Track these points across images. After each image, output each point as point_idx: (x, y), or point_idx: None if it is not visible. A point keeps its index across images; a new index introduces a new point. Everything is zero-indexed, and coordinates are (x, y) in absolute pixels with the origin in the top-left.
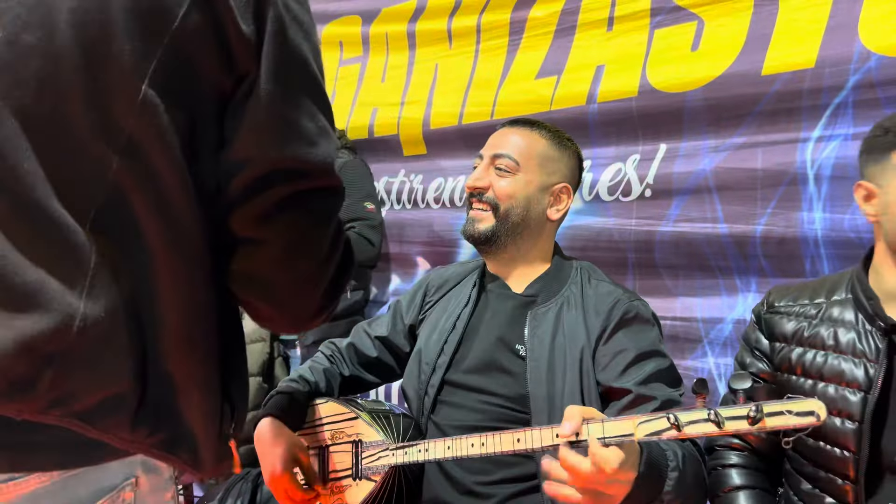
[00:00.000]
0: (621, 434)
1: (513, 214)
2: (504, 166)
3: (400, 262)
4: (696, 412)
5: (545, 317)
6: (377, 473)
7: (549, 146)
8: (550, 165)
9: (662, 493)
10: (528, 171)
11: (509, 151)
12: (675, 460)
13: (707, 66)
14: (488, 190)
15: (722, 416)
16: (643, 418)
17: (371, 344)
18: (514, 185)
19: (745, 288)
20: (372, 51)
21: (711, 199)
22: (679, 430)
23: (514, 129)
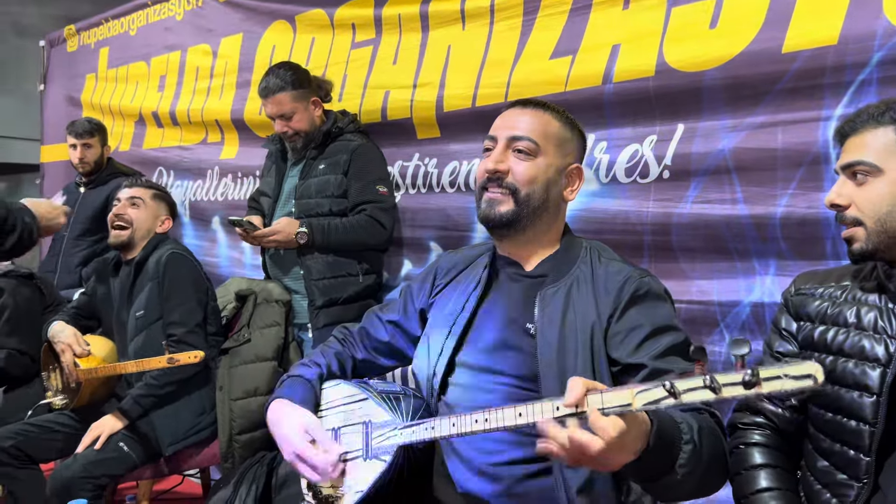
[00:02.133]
0: (620, 404)
1: (533, 199)
2: (524, 148)
3: (413, 246)
4: (692, 379)
5: (555, 296)
6: (387, 453)
7: (562, 127)
8: (566, 146)
9: (676, 466)
10: (548, 154)
11: (528, 133)
12: (690, 433)
13: (726, 44)
14: (508, 174)
15: (718, 383)
16: (641, 388)
17: (383, 328)
18: (535, 168)
19: (764, 270)
20: (385, 32)
21: (730, 180)
22: (676, 398)
23: (526, 110)
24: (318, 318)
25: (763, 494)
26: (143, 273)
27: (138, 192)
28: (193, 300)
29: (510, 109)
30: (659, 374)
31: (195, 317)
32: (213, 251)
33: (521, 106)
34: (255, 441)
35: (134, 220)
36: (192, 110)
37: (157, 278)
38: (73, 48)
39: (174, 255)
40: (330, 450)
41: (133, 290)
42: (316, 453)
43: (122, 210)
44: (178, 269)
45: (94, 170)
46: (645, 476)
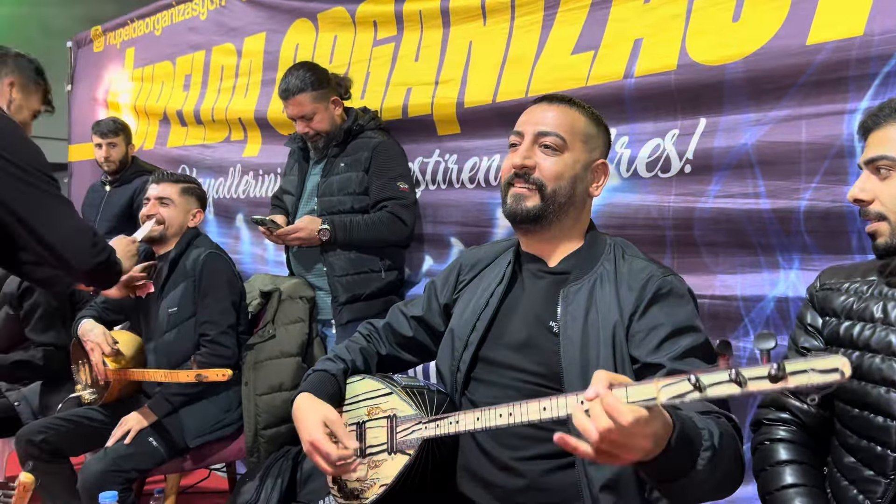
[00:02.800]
0: (645, 398)
1: (560, 194)
2: (551, 144)
3: (434, 242)
4: (718, 373)
5: (578, 293)
6: (411, 447)
7: (588, 123)
8: (592, 142)
9: (695, 469)
10: (575, 150)
11: (555, 129)
12: (711, 440)
13: (749, 38)
14: (534, 170)
15: (744, 377)
16: (666, 381)
17: (407, 324)
18: (562, 164)
19: (788, 265)
20: (406, 29)
21: (753, 174)
22: (701, 392)
23: (552, 106)
24: (341, 315)
25: (789, 491)
26: (177, 270)
27: (166, 191)
28: (228, 301)
29: (537, 105)
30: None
31: (228, 318)
32: (236, 248)
33: (547, 102)
34: (281, 436)
35: (166, 219)
36: (217, 109)
37: (192, 277)
38: (100, 48)
39: (212, 255)
40: (346, 444)
41: (166, 286)
42: (330, 444)
43: (152, 210)
44: (215, 270)
45: (118, 168)
46: (663, 476)
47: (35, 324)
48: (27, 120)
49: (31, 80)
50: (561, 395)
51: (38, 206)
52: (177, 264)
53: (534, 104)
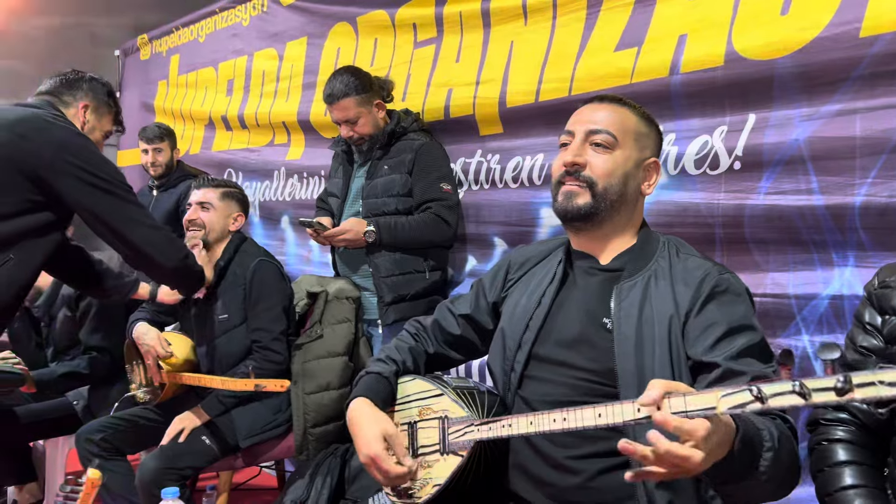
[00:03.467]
0: (704, 407)
1: (611, 192)
2: (603, 142)
3: (477, 242)
4: (780, 384)
5: (632, 290)
6: (464, 449)
7: (640, 121)
8: (643, 140)
9: (757, 473)
10: (626, 147)
11: (606, 126)
12: (771, 441)
13: (798, 30)
14: (585, 167)
15: (808, 388)
16: (726, 391)
17: (455, 322)
18: (613, 162)
19: (842, 262)
20: (446, 31)
21: (805, 170)
22: (763, 403)
23: (602, 105)
24: (387, 315)
25: (848, 492)
26: (226, 277)
27: (207, 196)
28: (279, 307)
29: (587, 105)
30: (733, 376)
31: (280, 324)
32: (281, 249)
33: (597, 101)
34: (329, 434)
35: (207, 223)
36: (260, 113)
37: (243, 285)
38: (146, 56)
39: (262, 263)
40: (404, 462)
41: (216, 293)
42: (390, 462)
43: (193, 215)
44: (266, 278)
45: (165, 173)
46: (726, 479)
47: (87, 325)
48: (99, 140)
49: (104, 103)
50: (616, 403)
51: (118, 210)
52: (226, 271)
53: (583, 104)
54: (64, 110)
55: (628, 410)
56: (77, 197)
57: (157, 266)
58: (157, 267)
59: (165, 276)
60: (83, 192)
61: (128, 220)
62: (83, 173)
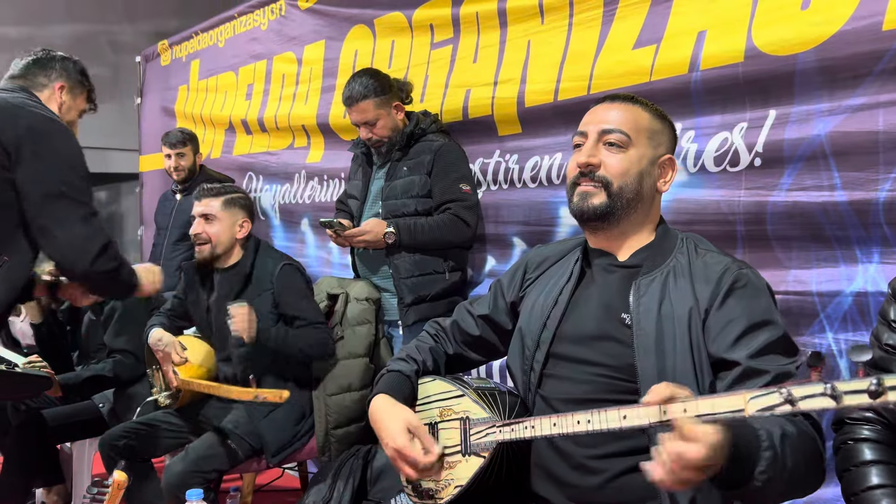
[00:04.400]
0: (732, 409)
1: (626, 191)
2: (616, 141)
3: (496, 242)
4: (811, 386)
5: (650, 286)
6: (486, 450)
7: (652, 119)
8: (657, 138)
9: (756, 474)
10: (640, 146)
11: (619, 125)
12: (769, 440)
13: (820, 25)
14: (600, 167)
15: (839, 390)
16: (754, 393)
17: (474, 322)
18: (628, 161)
19: (867, 259)
20: (463, 32)
21: (827, 166)
22: (793, 405)
23: (614, 105)
24: (408, 315)
25: (875, 492)
26: (251, 283)
27: (210, 207)
28: (315, 303)
29: (599, 105)
30: (755, 375)
31: (318, 314)
32: (302, 251)
33: (609, 101)
34: (351, 435)
35: (213, 237)
36: (279, 116)
37: (270, 289)
38: (167, 62)
39: (288, 266)
40: (431, 450)
41: (237, 299)
42: (417, 451)
43: (198, 229)
44: (297, 279)
45: (187, 177)
46: (723, 485)
47: (111, 328)
48: (74, 119)
49: (77, 82)
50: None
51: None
52: (251, 278)
53: (595, 104)
54: (39, 93)
55: (653, 412)
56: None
57: (69, 270)
58: (68, 271)
59: (77, 279)
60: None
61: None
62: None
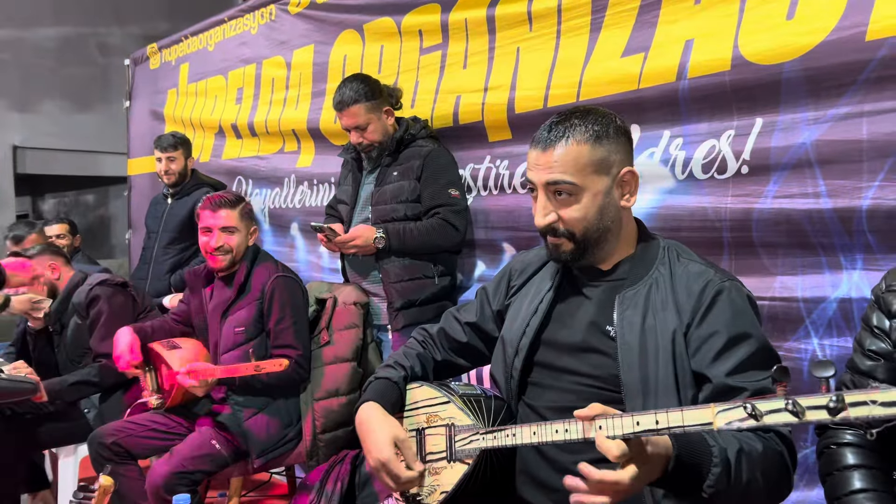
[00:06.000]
0: (700, 423)
1: (591, 231)
2: (564, 191)
3: (486, 248)
4: (774, 401)
5: (634, 299)
6: (469, 457)
7: (592, 148)
8: (604, 164)
9: (704, 487)
10: (589, 185)
11: (562, 175)
12: (720, 456)
13: (805, 34)
14: (559, 222)
15: (801, 406)
16: (722, 407)
17: (461, 329)
18: (583, 208)
19: (851, 265)
20: (452, 38)
21: (813, 174)
22: (757, 420)
23: (551, 147)
24: (397, 320)
25: (857, 496)
26: (245, 291)
27: (230, 220)
28: (303, 324)
29: (536, 144)
30: (731, 392)
31: (306, 341)
32: (292, 256)
33: (545, 144)
34: (339, 440)
35: (234, 248)
36: (269, 121)
37: (260, 299)
38: (156, 65)
39: (282, 279)
40: (413, 466)
41: (231, 307)
42: (401, 467)
43: (220, 242)
44: (289, 294)
45: (179, 181)
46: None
47: (96, 333)
48: None
49: None
50: (616, 416)
51: None
52: (245, 286)
53: (533, 143)
54: None
55: (627, 423)
56: None
57: None
58: None
59: None
60: None
61: None
62: None
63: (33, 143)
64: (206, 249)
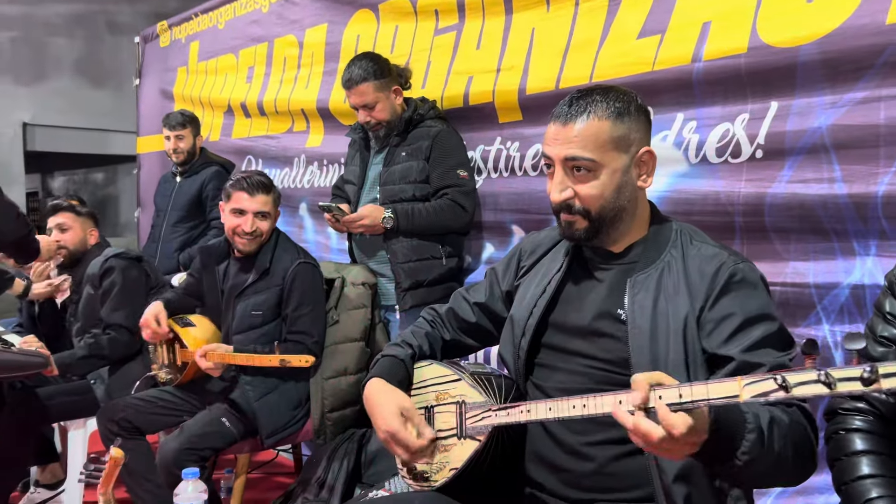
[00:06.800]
0: (726, 395)
1: (607, 210)
2: (583, 167)
3: (495, 230)
4: (805, 373)
5: (645, 282)
6: (481, 433)
7: (613, 125)
8: (624, 142)
9: (737, 454)
10: (608, 162)
11: (581, 152)
12: (755, 423)
13: (824, 18)
14: (574, 199)
15: (833, 377)
16: (749, 379)
17: (470, 309)
18: (601, 185)
19: (864, 251)
20: (468, 18)
21: (828, 159)
22: (787, 392)
23: (572, 122)
24: (404, 300)
25: (865, 481)
26: (267, 275)
27: (266, 205)
28: (321, 311)
29: (556, 120)
30: (749, 368)
31: (321, 328)
32: (300, 236)
33: (566, 112)
34: (346, 418)
35: (265, 232)
36: (279, 100)
37: (280, 285)
38: (166, 43)
39: (303, 265)
40: (423, 433)
41: (248, 289)
42: (410, 435)
43: (255, 226)
44: (308, 281)
45: (187, 159)
46: (704, 461)
47: (108, 303)
48: None
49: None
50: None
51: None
52: (269, 270)
53: (553, 117)
54: None
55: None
56: None
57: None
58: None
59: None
60: None
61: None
62: None
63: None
64: (234, 231)
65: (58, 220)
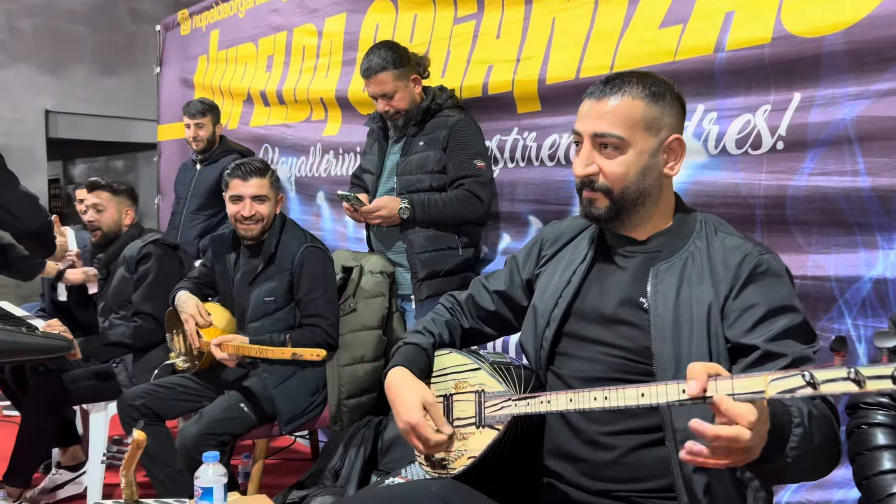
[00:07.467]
0: (752, 391)
1: (629, 192)
2: (611, 144)
3: (512, 220)
4: (834, 370)
5: (669, 272)
6: (500, 423)
7: (647, 106)
8: (656, 125)
9: (786, 449)
10: (637, 142)
11: (611, 128)
12: (800, 416)
13: (851, 7)
14: (598, 176)
15: (863, 375)
16: (775, 375)
17: (489, 297)
18: (626, 164)
19: (888, 245)
20: (487, 7)
21: (852, 151)
22: (815, 389)
23: (605, 98)
24: (421, 290)
25: (887, 476)
26: (274, 261)
27: (262, 189)
28: (333, 293)
29: (590, 96)
30: (772, 358)
31: (335, 310)
32: (317, 225)
33: (601, 89)
34: (363, 406)
35: (265, 216)
36: (299, 89)
37: (290, 269)
38: (186, 31)
39: (311, 249)
40: (443, 429)
41: (259, 276)
42: (430, 429)
43: (251, 211)
44: (318, 265)
45: (207, 147)
46: (759, 458)
47: (141, 290)
48: None
49: None
50: (661, 383)
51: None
52: (275, 255)
53: (587, 94)
54: None
55: (672, 391)
56: None
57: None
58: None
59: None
60: None
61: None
62: None
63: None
64: (235, 217)
65: (93, 199)
